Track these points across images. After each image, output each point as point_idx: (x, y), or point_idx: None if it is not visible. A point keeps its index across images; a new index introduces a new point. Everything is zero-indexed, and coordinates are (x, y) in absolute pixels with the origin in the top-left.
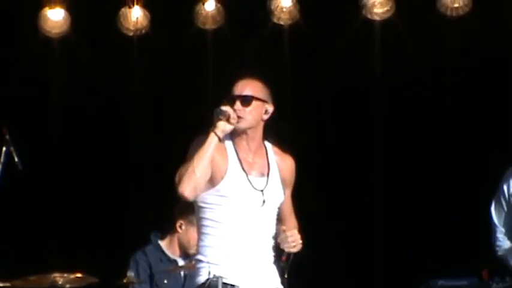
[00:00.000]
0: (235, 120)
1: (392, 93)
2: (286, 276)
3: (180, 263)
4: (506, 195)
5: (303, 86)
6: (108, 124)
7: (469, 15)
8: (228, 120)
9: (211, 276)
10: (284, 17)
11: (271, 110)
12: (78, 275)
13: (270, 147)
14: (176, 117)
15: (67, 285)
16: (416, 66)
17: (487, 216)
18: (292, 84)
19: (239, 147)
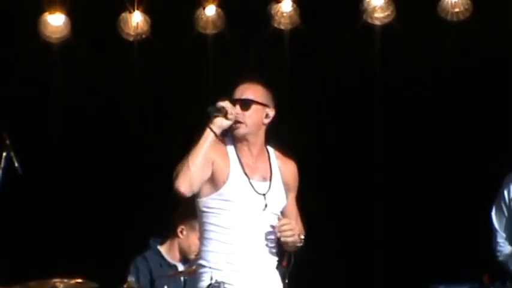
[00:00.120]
0: (233, 116)
1: (392, 96)
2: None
3: (180, 268)
4: (507, 200)
5: (303, 89)
6: (109, 128)
7: (470, 19)
8: (226, 116)
9: (213, 282)
10: (284, 22)
11: (272, 114)
12: (78, 280)
13: (272, 152)
14: (177, 121)
15: None
16: (417, 71)
17: (488, 219)
18: (293, 88)
19: (241, 152)
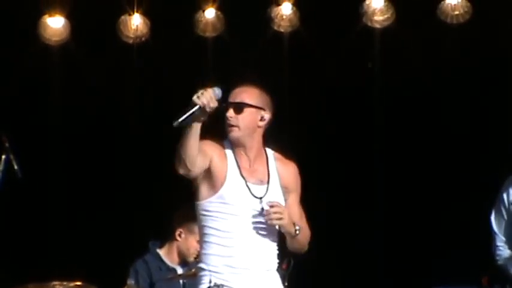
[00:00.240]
0: (213, 102)
1: (392, 99)
2: (286, 284)
3: (179, 271)
4: (506, 203)
5: (303, 92)
6: (108, 131)
7: (469, 22)
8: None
9: (212, 285)
10: (284, 25)
11: (267, 116)
12: (78, 283)
13: (271, 154)
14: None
15: None
16: (417, 73)
17: (487, 222)
18: (293, 91)
19: (238, 155)
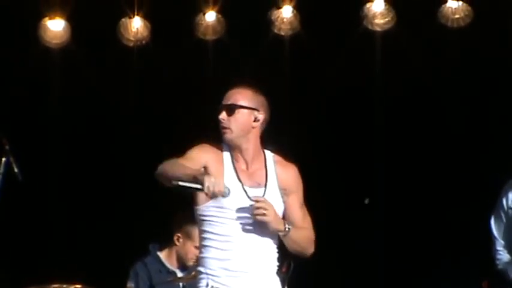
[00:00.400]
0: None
1: (393, 102)
2: (286, 287)
3: (179, 274)
4: (506, 208)
5: (304, 95)
6: (109, 134)
7: (470, 25)
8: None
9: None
10: (285, 28)
11: (261, 117)
12: (78, 286)
13: (270, 156)
14: (177, 127)
15: None
16: (418, 77)
17: (487, 226)
18: (293, 94)
19: (235, 158)
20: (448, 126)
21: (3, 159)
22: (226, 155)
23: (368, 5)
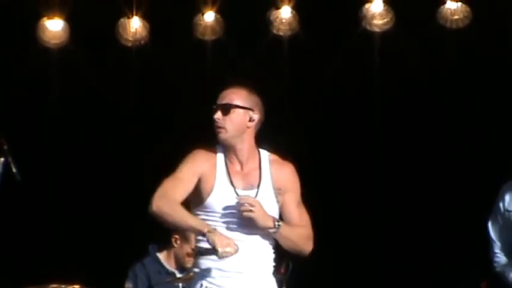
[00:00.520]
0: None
1: (392, 103)
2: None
3: (179, 275)
4: (502, 210)
5: (303, 95)
6: (108, 134)
7: (469, 27)
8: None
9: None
10: (283, 28)
11: (256, 117)
12: (76, 286)
13: (265, 156)
14: (176, 127)
15: None
16: (416, 77)
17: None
18: (292, 94)
19: (230, 159)
20: (446, 127)
21: (1, 159)
22: (220, 157)
23: (367, 6)
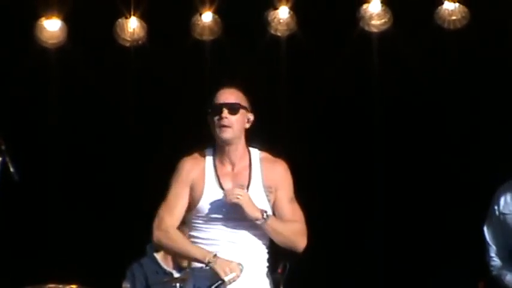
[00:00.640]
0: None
1: (390, 104)
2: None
3: (176, 275)
4: (497, 213)
5: (301, 96)
6: (105, 134)
7: (467, 27)
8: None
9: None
10: (281, 29)
11: (252, 118)
12: (74, 286)
13: (256, 154)
14: (174, 127)
15: None
16: (414, 78)
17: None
18: (290, 95)
19: (220, 160)
20: (444, 126)
21: None
22: (209, 160)
23: (365, 6)
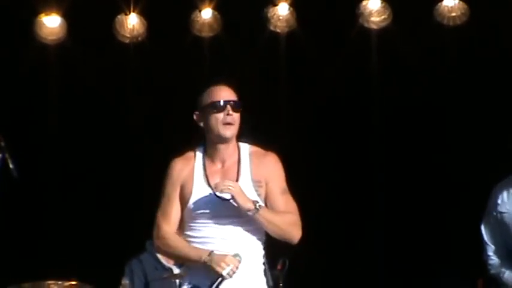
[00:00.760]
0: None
1: (389, 101)
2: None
3: (176, 271)
4: (494, 213)
5: (300, 93)
6: (105, 131)
7: (466, 24)
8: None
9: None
10: (281, 25)
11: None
12: (73, 282)
13: (245, 149)
14: (173, 124)
15: None
16: (413, 75)
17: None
18: (289, 92)
19: (210, 158)
20: (443, 124)
21: None
22: (199, 159)
23: (364, 3)
